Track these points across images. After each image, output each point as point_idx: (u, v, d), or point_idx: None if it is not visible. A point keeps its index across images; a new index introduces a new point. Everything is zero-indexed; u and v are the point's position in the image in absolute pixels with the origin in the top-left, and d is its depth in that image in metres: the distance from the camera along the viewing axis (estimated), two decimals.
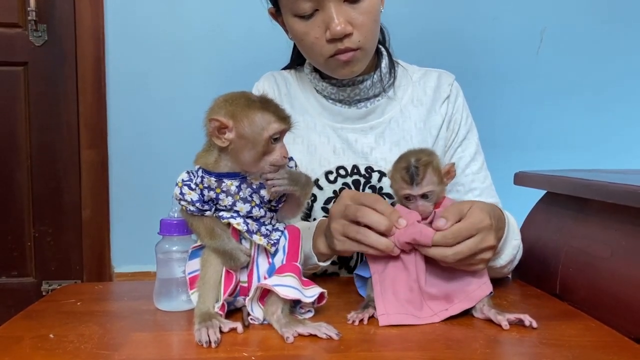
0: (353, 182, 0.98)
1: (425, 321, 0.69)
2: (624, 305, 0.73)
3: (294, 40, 1.00)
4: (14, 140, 2.04)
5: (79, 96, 2.03)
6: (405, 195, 0.74)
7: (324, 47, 0.91)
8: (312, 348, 0.60)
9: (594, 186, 0.84)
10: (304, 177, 0.70)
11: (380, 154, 0.99)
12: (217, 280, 0.67)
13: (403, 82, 1.06)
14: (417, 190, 0.72)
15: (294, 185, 0.67)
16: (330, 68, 0.96)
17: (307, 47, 0.95)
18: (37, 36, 2.00)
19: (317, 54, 0.94)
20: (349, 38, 0.90)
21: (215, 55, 2.05)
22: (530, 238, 1.02)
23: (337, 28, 0.87)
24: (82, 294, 0.83)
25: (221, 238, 0.67)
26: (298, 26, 0.92)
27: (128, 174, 2.07)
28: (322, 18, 0.89)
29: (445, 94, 1.04)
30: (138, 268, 2.07)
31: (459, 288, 0.73)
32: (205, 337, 0.60)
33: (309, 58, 1.00)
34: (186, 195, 0.67)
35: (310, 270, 0.89)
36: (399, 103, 1.03)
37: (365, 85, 1.00)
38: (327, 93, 1.02)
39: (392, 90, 1.04)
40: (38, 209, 2.07)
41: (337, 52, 0.91)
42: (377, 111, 1.02)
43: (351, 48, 0.91)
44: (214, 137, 0.65)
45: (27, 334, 0.64)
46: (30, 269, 2.10)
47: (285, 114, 0.67)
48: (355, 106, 1.02)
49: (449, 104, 1.04)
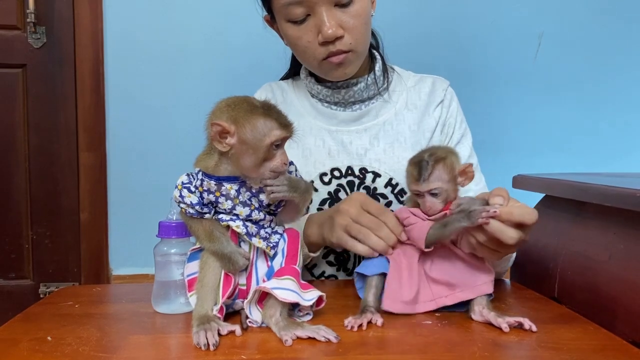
0: (347, 183, 1.00)
1: (422, 308, 0.72)
2: (622, 309, 0.73)
3: (288, 45, 1.02)
4: (12, 142, 2.04)
5: (77, 99, 2.03)
6: (414, 191, 0.74)
7: (317, 50, 0.94)
8: (311, 351, 0.60)
9: (592, 189, 0.84)
10: (304, 183, 0.70)
11: (374, 155, 1.01)
12: (215, 283, 0.67)
13: (398, 87, 1.08)
14: (425, 186, 0.72)
15: (293, 191, 0.67)
16: (324, 70, 0.98)
17: (300, 51, 0.97)
18: (36, 38, 2.00)
19: (310, 58, 0.96)
20: (341, 41, 0.93)
21: (214, 59, 2.05)
22: (529, 241, 1.02)
23: (328, 31, 0.90)
24: (80, 296, 0.83)
25: (220, 241, 0.67)
26: (291, 31, 0.95)
27: (126, 177, 2.07)
28: (314, 22, 0.92)
29: (439, 98, 1.06)
30: (136, 271, 2.06)
31: (464, 280, 0.73)
32: (203, 339, 0.60)
33: (303, 62, 1.02)
34: (186, 197, 0.67)
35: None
36: (394, 106, 1.05)
37: (359, 87, 1.02)
38: (323, 96, 1.04)
39: (387, 94, 1.06)
40: (36, 211, 2.07)
41: (329, 54, 0.94)
42: (371, 113, 1.04)
43: (343, 50, 0.94)
44: (215, 141, 0.65)
45: (25, 337, 0.64)
46: (28, 271, 2.09)
47: (288, 121, 0.67)
48: (350, 108, 1.05)
49: (442, 108, 1.06)
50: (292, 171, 0.72)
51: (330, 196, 1.00)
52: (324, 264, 1.01)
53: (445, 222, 0.70)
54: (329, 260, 1.00)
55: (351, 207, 0.82)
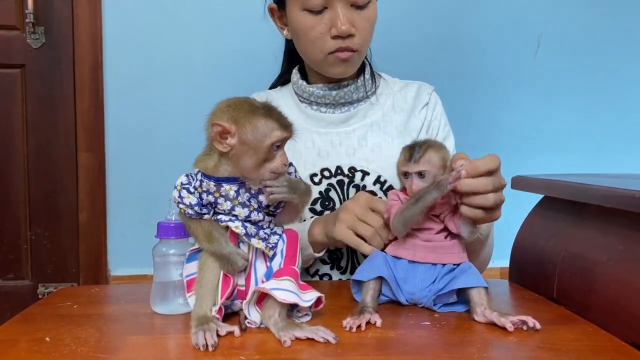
0: (337, 182, 1.02)
1: (421, 257, 0.75)
2: (621, 310, 0.73)
3: (292, 36, 1.04)
4: (11, 142, 2.03)
5: (76, 99, 2.03)
6: (403, 171, 0.75)
7: (327, 43, 0.97)
8: (310, 352, 0.60)
9: (592, 191, 0.84)
10: (303, 185, 0.70)
11: (362, 155, 1.04)
12: (214, 283, 0.67)
13: (385, 91, 1.12)
14: (414, 167, 0.73)
15: (292, 193, 0.67)
16: (327, 64, 1.00)
17: (309, 41, 0.99)
18: (35, 38, 2.00)
19: (317, 49, 0.99)
20: (351, 39, 0.97)
21: (213, 59, 2.05)
22: (528, 242, 1.02)
23: (342, 27, 0.94)
24: (78, 297, 0.83)
25: (219, 242, 0.67)
26: (305, 20, 0.97)
27: (125, 177, 2.07)
28: (330, 16, 0.95)
29: (424, 101, 1.10)
30: (134, 271, 2.06)
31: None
32: (202, 340, 0.60)
33: (307, 54, 1.03)
34: (185, 198, 0.67)
35: (303, 264, 0.93)
36: (381, 108, 1.09)
37: (349, 88, 1.06)
38: (314, 98, 1.07)
39: (375, 97, 1.10)
40: (34, 212, 2.07)
41: (338, 49, 0.97)
42: (359, 115, 1.08)
43: (351, 48, 0.97)
44: (216, 141, 0.65)
45: (23, 337, 0.64)
46: (27, 271, 2.09)
47: (288, 122, 0.67)
48: (339, 110, 1.08)
49: (427, 110, 1.10)
50: (292, 172, 0.72)
51: (321, 195, 1.02)
52: (317, 262, 1.02)
53: (417, 197, 0.71)
54: (322, 258, 1.01)
55: (357, 205, 0.86)
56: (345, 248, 1.00)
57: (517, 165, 2.02)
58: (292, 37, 1.04)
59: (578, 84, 2.19)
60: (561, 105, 2.19)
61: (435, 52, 2.09)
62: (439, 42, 2.10)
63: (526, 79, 2.17)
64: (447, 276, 0.74)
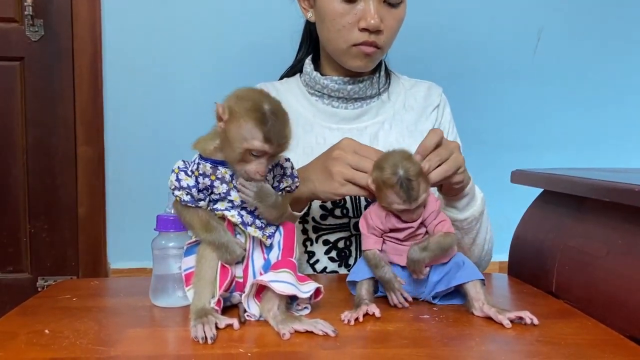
0: None
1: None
2: (620, 304, 0.74)
3: (317, 20, 1.01)
4: (10, 136, 2.03)
5: (75, 92, 2.03)
6: (400, 210, 0.72)
7: (353, 34, 0.96)
8: (309, 345, 0.60)
9: (591, 184, 0.84)
10: (274, 199, 0.68)
11: None
12: (212, 276, 0.67)
13: (396, 89, 1.11)
14: (414, 204, 0.71)
15: (258, 201, 0.67)
16: (349, 56, 0.99)
17: (335, 29, 0.97)
18: (34, 31, 1.99)
19: (342, 39, 0.97)
20: (378, 35, 0.96)
21: (213, 51, 2.04)
22: (527, 236, 1.02)
23: (372, 21, 0.93)
24: (77, 289, 0.83)
25: (217, 230, 0.67)
26: (338, 6, 0.95)
27: (124, 171, 2.07)
28: (362, 7, 0.94)
29: (435, 102, 1.10)
30: (134, 264, 2.06)
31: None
32: (201, 333, 0.60)
33: (330, 40, 1.00)
34: (182, 181, 0.67)
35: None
36: (392, 107, 1.08)
37: (365, 84, 1.05)
38: (327, 91, 1.05)
39: (387, 94, 1.09)
40: (34, 205, 2.07)
41: (364, 42, 0.96)
42: (371, 112, 1.07)
43: (376, 44, 0.97)
44: (218, 120, 0.65)
45: (22, 330, 0.64)
46: (26, 264, 2.09)
47: (277, 139, 0.63)
48: (352, 105, 1.07)
49: (438, 112, 1.10)
50: (288, 167, 0.72)
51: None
52: (325, 260, 1.01)
53: (424, 246, 0.72)
54: (331, 256, 1.01)
55: (347, 153, 0.80)
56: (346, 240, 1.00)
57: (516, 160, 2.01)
58: (317, 20, 1.02)
59: (578, 78, 2.18)
60: (561, 100, 2.18)
61: (435, 47, 2.08)
62: (438, 36, 2.09)
63: (526, 74, 2.16)
64: (441, 269, 0.74)
